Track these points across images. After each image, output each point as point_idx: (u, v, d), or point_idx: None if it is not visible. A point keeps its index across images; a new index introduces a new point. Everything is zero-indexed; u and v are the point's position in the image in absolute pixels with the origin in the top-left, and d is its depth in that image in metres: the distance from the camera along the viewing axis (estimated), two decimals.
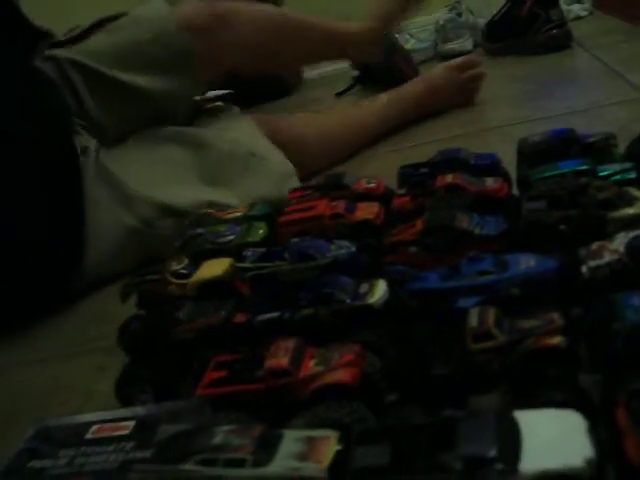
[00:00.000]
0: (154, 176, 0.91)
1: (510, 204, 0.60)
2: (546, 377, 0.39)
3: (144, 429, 0.52)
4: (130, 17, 1.05)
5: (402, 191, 0.68)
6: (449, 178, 0.63)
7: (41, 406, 0.65)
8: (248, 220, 0.73)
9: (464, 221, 0.55)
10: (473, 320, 0.41)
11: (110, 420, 0.54)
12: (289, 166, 0.99)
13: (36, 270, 0.83)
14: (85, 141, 0.93)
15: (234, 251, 0.65)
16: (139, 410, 0.54)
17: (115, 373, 0.60)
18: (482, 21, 1.80)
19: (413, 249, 0.54)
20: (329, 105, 1.67)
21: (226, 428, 0.40)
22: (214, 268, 0.62)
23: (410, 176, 0.71)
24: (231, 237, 0.69)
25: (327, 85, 1.92)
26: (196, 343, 0.53)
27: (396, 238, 0.56)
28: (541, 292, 0.44)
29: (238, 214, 0.77)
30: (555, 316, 0.41)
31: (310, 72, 2.18)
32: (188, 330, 0.54)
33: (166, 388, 0.54)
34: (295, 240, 0.61)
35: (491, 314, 0.41)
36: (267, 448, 0.38)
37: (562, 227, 0.51)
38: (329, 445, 0.37)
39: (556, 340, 0.40)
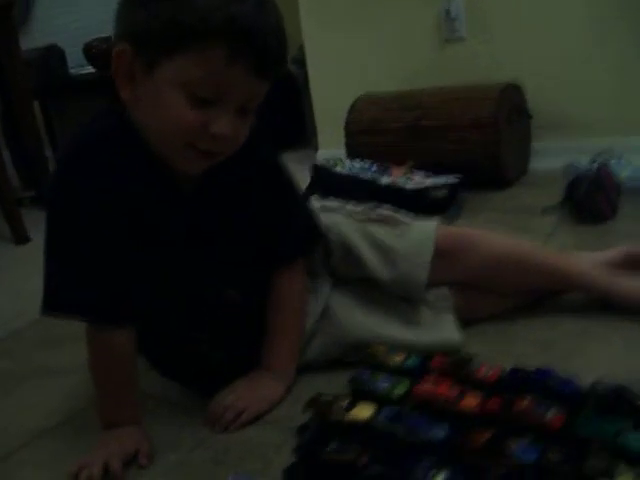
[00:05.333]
0: (367, 318, 1.23)
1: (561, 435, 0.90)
2: None
3: None
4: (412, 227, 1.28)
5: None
6: (524, 404, 0.94)
7: (240, 459, 1.05)
8: (400, 372, 1.09)
9: (514, 443, 0.87)
10: None
11: None
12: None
13: None
14: (322, 282, 1.27)
15: (381, 400, 1.02)
16: None
17: (290, 450, 0.99)
18: None
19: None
20: (531, 220, 1.94)
21: None
22: (363, 411, 0.99)
23: (511, 379, 1.03)
24: (384, 385, 1.05)
25: (545, 187, 2.17)
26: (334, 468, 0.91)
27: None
28: None
29: (398, 360, 1.13)
30: None
31: (537, 163, 2.43)
32: (330, 458, 0.91)
33: None
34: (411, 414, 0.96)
35: None
36: None
37: None
38: None
39: None
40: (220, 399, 1.14)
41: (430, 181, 2.07)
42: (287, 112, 3.31)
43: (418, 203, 1.95)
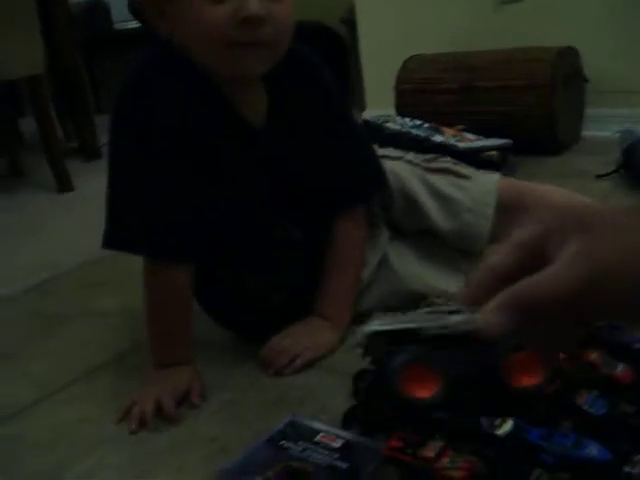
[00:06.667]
0: (424, 270, 1.21)
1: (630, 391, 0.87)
2: None
3: (347, 448, 0.88)
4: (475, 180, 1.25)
5: None
6: (593, 357, 0.91)
7: (295, 402, 1.03)
8: None
9: (582, 396, 0.84)
10: None
11: (331, 433, 0.90)
12: None
13: None
14: (381, 233, 1.24)
15: None
16: (347, 435, 0.90)
17: (345, 395, 0.97)
18: None
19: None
20: (587, 185, 1.88)
21: None
22: None
23: None
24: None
25: (599, 154, 2.11)
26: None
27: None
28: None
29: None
30: None
31: (590, 129, 2.37)
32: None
33: (371, 430, 0.90)
34: None
35: None
36: None
37: None
38: None
39: None
40: (274, 343, 1.12)
41: (482, 143, 2.02)
42: (333, 73, 3.27)
43: (470, 163, 1.91)
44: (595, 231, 0.49)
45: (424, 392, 0.52)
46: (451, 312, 0.51)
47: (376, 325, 0.54)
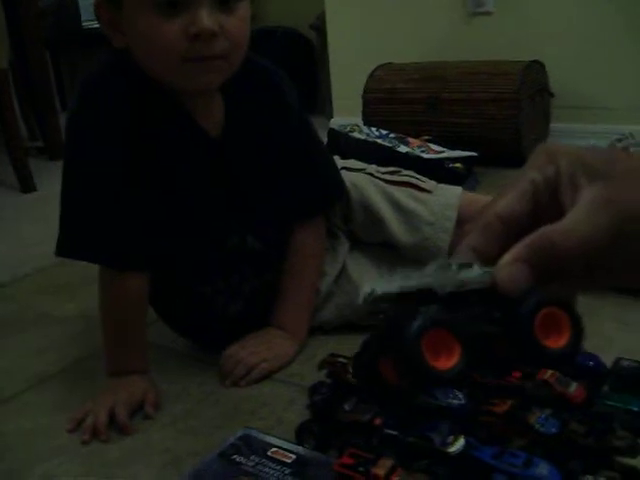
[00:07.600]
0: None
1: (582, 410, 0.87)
2: None
3: (299, 464, 0.88)
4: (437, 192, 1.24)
5: None
6: (548, 374, 0.91)
7: (250, 414, 1.03)
8: None
9: (534, 415, 0.85)
10: None
11: (283, 448, 0.90)
12: None
13: None
14: (340, 244, 1.23)
15: None
16: (301, 450, 0.90)
17: (301, 408, 0.97)
18: None
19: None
20: None
21: None
22: None
23: None
24: None
25: None
26: (348, 427, 0.88)
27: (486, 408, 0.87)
28: None
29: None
30: None
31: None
32: (345, 418, 0.89)
33: (324, 444, 0.89)
34: None
35: None
36: None
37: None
38: None
39: None
40: (231, 353, 1.11)
41: (447, 154, 2.03)
42: (301, 78, 3.26)
43: (434, 174, 1.92)
44: (613, 177, 0.45)
45: (445, 360, 0.45)
46: (461, 266, 0.46)
47: (384, 285, 0.46)
